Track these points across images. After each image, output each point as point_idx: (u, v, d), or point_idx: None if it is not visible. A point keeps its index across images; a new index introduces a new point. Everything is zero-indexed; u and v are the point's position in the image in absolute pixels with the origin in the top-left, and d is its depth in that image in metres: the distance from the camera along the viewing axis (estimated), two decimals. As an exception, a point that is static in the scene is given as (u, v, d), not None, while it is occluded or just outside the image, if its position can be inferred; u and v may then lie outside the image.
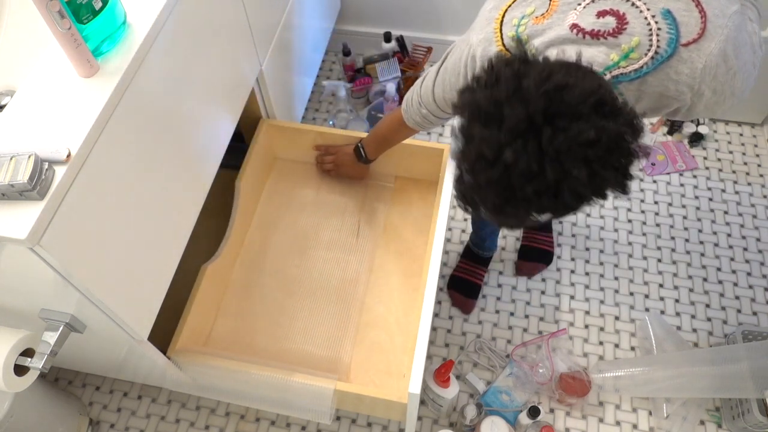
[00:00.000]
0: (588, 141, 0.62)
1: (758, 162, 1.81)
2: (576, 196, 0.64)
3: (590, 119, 0.62)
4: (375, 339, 1.26)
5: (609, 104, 0.65)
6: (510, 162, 0.63)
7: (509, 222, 0.74)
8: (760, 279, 1.59)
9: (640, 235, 1.68)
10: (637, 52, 0.75)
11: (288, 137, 1.45)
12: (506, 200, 0.66)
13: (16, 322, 0.93)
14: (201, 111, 1.05)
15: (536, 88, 0.63)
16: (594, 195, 0.65)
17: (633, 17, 0.75)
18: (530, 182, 0.63)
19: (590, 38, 0.76)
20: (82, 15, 0.75)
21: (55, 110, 0.76)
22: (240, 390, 1.19)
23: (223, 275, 1.31)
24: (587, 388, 1.37)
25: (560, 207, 0.66)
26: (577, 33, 0.77)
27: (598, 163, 0.63)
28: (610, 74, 0.77)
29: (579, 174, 0.62)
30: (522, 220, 0.70)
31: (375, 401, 1.09)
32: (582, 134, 0.61)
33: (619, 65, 0.76)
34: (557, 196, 0.64)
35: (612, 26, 0.75)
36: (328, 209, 1.44)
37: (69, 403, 1.38)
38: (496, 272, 1.62)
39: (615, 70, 0.76)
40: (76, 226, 0.75)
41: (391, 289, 1.33)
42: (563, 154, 0.62)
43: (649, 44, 0.75)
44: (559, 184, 0.63)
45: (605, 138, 0.62)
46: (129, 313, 0.91)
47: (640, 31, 0.75)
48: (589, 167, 0.62)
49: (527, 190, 0.64)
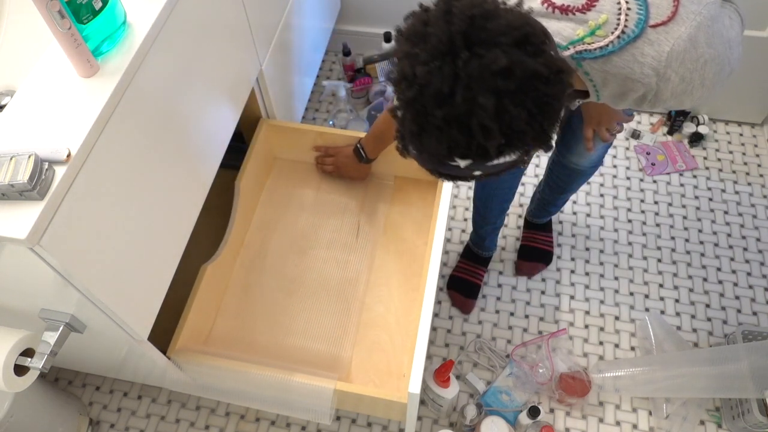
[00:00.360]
0: (499, 70, 0.61)
1: (758, 162, 1.81)
2: (485, 132, 0.62)
3: (508, 51, 0.62)
4: (375, 339, 1.26)
5: (534, 44, 0.64)
6: (423, 81, 0.62)
7: (433, 163, 0.71)
8: (760, 279, 1.59)
9: (640, 235, 1.68)
10: (604, 29, 0.74)
11: (288, 137, 1.45)
12: (421, 127, 0.65)
13: (16, 322, 0.93)
14: (201, 111, 1.05)
15: (463, 12, 0.63)
16: (504, 135, 0.63)
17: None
18: (441, 107, 0.62)
19: (559, 12, 0.76)
20: (82, 15, 0.75)
21: (55, 110, 0.76)
22: (240, 390, 1.19)
23: (222, 275, 1.31)
24: (587, 388, 1.37)
25: (473, 147, 0.64)
26: (548, 7, 0.77)
27: (508, 97, 0.61)
28: (574, 48, 0.76)
29: (486, 103, 0.61)
30: (443, 161, 0.68)
31: (374, 401, 1.09)
32: (495, 62, 0.60)
33: (584, 41, 0.75)
34: (467, 127, 0.62)
35: (582, 2, 0.75)
36: (328, 209, 1.44)
37: (69, 403, 1.38)
38: (496, 272, 1.62)
39: (579, 45, 0.76)
40: (76, 226, 0.75)
41: (390, 288, 1.33)
42: (474, 80, 0.61)
43: (617, 23, 0.74)
44: (468, 113, 0.62)
45: (519, 72, 0.61)
46: (129, 313, 0.91)
47: (609, 9, 0.74)
48: (497, 98, 0.61)
49: (437, 114, 0.62)
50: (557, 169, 1.41)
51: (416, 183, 1.46)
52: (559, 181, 1.44)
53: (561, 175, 1.41)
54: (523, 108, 0.62)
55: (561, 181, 1.43)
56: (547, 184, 1.49)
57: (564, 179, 1.42)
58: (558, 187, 1.46)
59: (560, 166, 1.39)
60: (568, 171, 1.37)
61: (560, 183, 1.44)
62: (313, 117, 1.95)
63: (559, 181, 1.44)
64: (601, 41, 0.74)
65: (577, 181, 1.42)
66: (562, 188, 1.46)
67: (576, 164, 1.33)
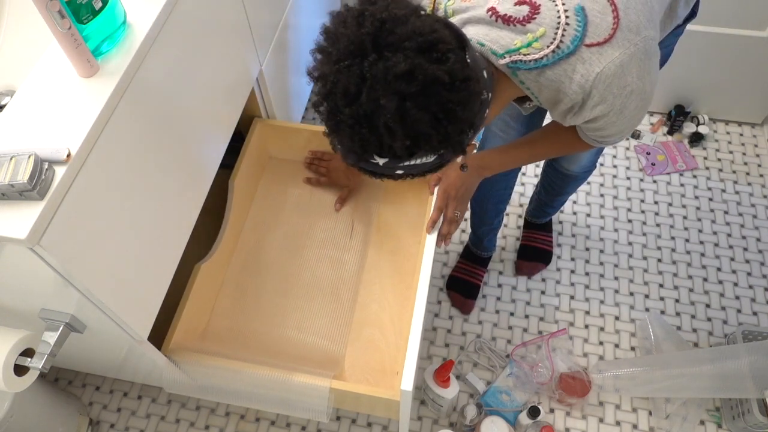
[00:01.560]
0: (401, 73, 0.62)
1: (758, 162, 1.81)
2: (390, 133, 0.65)
3: (411, 56, 0.63)
4: (369, 337, 1.26)
5: (440, 51, 0.65)
6: (334, 80, 0.64)
7: (354, 160, 0.72)
8: (760, 279, 1.59)
9: (640, 235, 1.68)
10: (541, 42, 0.75)
11: (282, 136, 1.45)
12: (335, 124, 0.67)
13: (16, 322, 0.93)
14: (201, 111, 1.05)
15: (374, 15, 0.65)
16: (408, 137, 0.65)
17: (546, 9, 0.75)
18: (349, 106, 0.64)
19: (501, 22, 0.77)
20: (82, 15, 0.75)
21: (55, 110, 0.76)
22: (236, 389, 1.19)
23: (217, 274, 1.31)
24: (587, 388, 1.37)
25: (384, 146, 0.67)
26: (492, 15, 0.78)
27: (411, 100, 0.63)
28: (510, 58, 0.77)
29: (388, 105, 0.63)
30: (361, 158, 0.70)
31: (368, 399, 1.09)
32: (398, 66, 0.62)
33: (520, 51, 0.76)
34: (374, 127, 0.65)
35: (524, 14, 0.76)
36: (322, 208, 1.44)
37: (69, 403, 1.38)
38: (496, 272, 1.62)
39: (515, 55, 0.77)
40: (76, 226, 0.75)
41: (384, 287, 1.33)
42: (378, 81, 0.63)
43: (554, 37, 0.75)
44: (374, 113, 0.64)
45: (420, 76, 0.63)
46: (129, 313, 0.91)
47: (548, 23, 0.75)
48: (400, 101, 0.63)
49: (346, 112, 0.64)
50: (551, 172, 1.41)
51: (410, 182, 1.45)
52: (553, 185, 1.45)
53: (555, 179, 1.42)
54: (426, 111, 0.64)
55: (555, 184, 1.44)
56: (542, 187, 1.50)
57: (558, 183, 1.42)
58: (553, 190, 1.47)
59: (553, 170, 1.40)
60: (561, 175, 1.38)
61: (555, 186, 1.45)
62: (313, 117, 1.95)
63: (554, 185, 1.44)
64: (536, 53, 0.76)
65: (572, 185, 1.42)
66: (557, 191, 1.47)
67: (567, 169, 1.34)
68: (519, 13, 0.76)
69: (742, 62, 1.66)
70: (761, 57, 1.64)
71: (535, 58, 0.76)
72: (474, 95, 0.69)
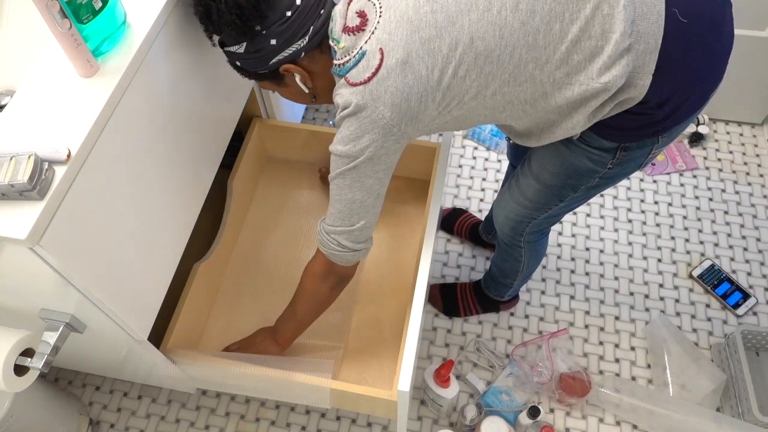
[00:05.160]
0: None
1: (758, 162, 1.81)
2: (215, 12, 0.82)
3: None
4: (367, 337, 1.27)
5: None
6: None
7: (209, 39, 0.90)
8: (760, 279, 1.59)
9: (640, 235, 1.68)
10: (347, 54, 0.83)
11: (281, 136, 1.45)
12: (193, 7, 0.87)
13: (16, 322, 0.93)
14: (201, 111, 1.05)
15: None
16: (222, 18, 0.82)
17: (369, 26, 0.82)
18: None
19: (347, 32, 0.85)
20: (82, 15, 0.75)
21: (55, 110, 0.76)
22: (235, 384, 1.19)
23: (215, 274, 1.31)
24: (587, 388, 1.37)
25: (213, 25, 0.85)
26: (344, 28, 0.85)
27: None
28: (334, 61, 0.86)
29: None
30: (208, 36, 0.89)
31: (366, 399, 1.09)
32: None
33: (338, 57, 0.85)
34: (204, 4, 0.83)
35: (356, 23, 0.83)
36: (321, 208, 1.44)
37: (69, 403, 1.38)
38: (496, 272, 1.62)
39: (336, 59, 0.85)
40: (76, 226, 0.75)
41: (383, 287, 1.33)
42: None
43: (346, 57, 0.83)
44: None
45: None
46: (129, 313, 0.91)
47: (357, 42, 0.82)
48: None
49: None
50: None
51: (409, 182, 1.45)
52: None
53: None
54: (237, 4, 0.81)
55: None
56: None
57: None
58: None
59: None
60: None
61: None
62: (313, 117, 1.95)
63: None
64: (339, 61, 0.84)
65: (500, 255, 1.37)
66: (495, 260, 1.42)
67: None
68: (353, 23, 0.84)
69: (742, 62, 1.66)
70: (761, 57, 1.64)
71: (338, 64, 0.85)
72: (281, 11, 0.82)
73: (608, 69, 0.78)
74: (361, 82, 0.80)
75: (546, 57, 0.79)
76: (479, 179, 1.80)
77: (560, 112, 0.85)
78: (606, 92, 0.80)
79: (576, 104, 0.83)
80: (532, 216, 1.13)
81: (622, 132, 0.88)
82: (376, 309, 1.30)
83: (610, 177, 0.98)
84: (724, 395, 1.39)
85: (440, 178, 1.23)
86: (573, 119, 0.85)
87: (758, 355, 1.45)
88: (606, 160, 0.93)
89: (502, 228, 1.23)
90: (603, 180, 0.98)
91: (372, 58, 0.80)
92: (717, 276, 1.57)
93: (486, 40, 0.78)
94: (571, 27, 0.78)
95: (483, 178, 1.81)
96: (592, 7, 0.77)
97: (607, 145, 0.90)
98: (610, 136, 0.89)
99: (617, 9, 0.77)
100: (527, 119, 0.88)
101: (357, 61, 0.81)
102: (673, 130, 0.89)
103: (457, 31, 0.78)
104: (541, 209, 1.10)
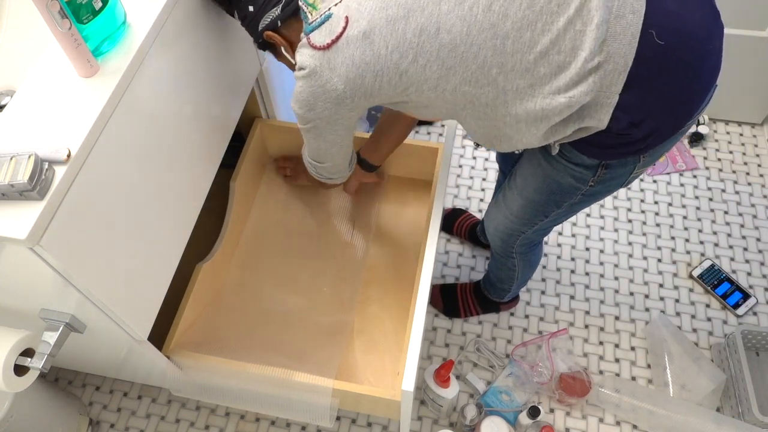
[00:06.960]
0: None
1: (758, 162, 1.81)
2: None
3: None
4: (370, 337, 1.26)
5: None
6: None
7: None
8: (760, 279, 1.59)
9: (640, 235, 1.68)
10: (317, 14, 0.83)
11: (282, 137, 1.45)
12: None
13: (16, 322, 0.93)
14: (201, 111, 1.05)
15: None
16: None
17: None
18: None
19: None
20: (82, 15, 0.75)
21: (55, 110, 0.76)
22: (238, 389, 1.19)
23: (217, 274, 1.31)
24: (587, 388, 1.37)
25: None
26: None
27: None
28: (311, 15, 0.85)
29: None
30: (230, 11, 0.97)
31: (369, 399, 1.09)
32: None
33: (312, 14, 0.84)
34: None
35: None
36: (323, 208, 1.44)
37: (69, 403, 1.38)
38: (496, 272, 1.62)
39: (311, 13, 0.85)
40: (76, 226, 0.75)
41: (385, 287, 1.33)
42: None
43: (319, 12, 0.83)
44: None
45: None
46: (129, 313, 0.91)
47: (328, 2, 0.83)
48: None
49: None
50: None
51: (411, 182, 1.45)
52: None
53: None
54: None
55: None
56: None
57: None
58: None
59: None
60: None
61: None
62: (313, 117, 1.95)
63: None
64: (309, 18, 0.84)
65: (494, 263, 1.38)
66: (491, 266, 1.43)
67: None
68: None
69: (742, 62, 1.66)
70: (761, 57, 1.64)
71: (309, 22, 0.84)
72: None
73: (575, 85, 0.77)
74: (321, 47, 0.81)
75: (512, 64, 0.77)
76: (479, 179, 1.81)
77: (518, 121, 0.83)
78: (569, 108, 0.78)
79: (536, 117, 0.81)
80: (520, 230, 1.14)
81: (601, 149, 0.87)
82: (377, 309, 1.30)
83: (592, 194, 0.97)
84: (724, 395, 1.39)
85: (443, 179, 1.23)
86: (530, 132, 0.84)
87: (758, 355, 1.45)
88: (587, 178, 0.93)
89: (494, 240, 1.24)
90: (585, 197, 0.98)
91: (336, 23, 0.80)
92: (717, 276, 1.57)
93: (452, 34, 0.77)
94: (542, 38, 0.76)
95: (483, 178, 1.81)
96: (566, 21, 0.75)
97: (588, 162, 0.90)
98: (591, 152, 0.88)
99: (590, 27, 0.75)
100: (488, 122, 0.87)
101: (322, 21, 0.81)
102: (655, 149, 0.88)
103: (425, 17, 0.77)
104: (528, 224, 1.11)
